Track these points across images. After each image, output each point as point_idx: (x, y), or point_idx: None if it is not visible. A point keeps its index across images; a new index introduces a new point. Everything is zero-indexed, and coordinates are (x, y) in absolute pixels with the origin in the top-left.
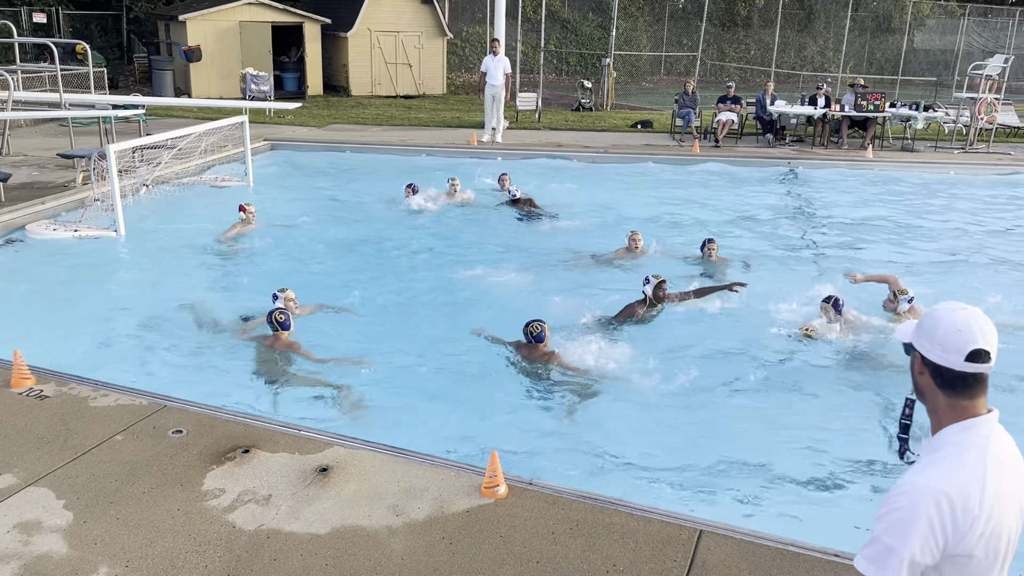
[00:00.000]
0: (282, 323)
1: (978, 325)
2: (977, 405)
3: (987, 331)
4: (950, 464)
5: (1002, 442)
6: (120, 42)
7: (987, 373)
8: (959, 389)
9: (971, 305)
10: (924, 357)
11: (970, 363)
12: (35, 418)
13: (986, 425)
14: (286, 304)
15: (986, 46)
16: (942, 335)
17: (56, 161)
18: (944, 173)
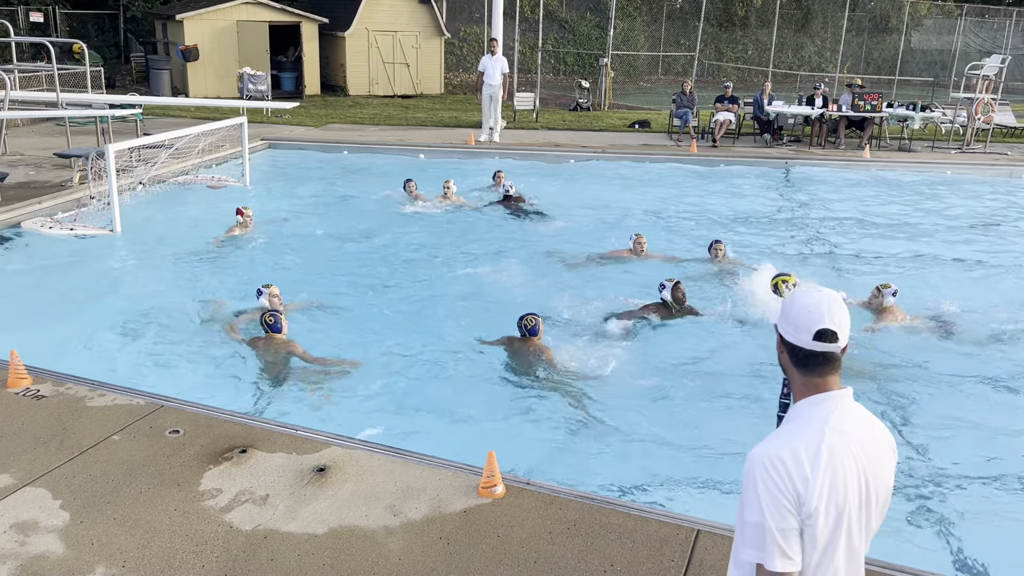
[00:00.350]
0: (272, 325)
1: (827, 306)
2: (828, 383)
3: (835, 312)
4: (790, 433)
5: (849, 417)
6: (117, 41)
7: (836, 352)
8: (810, 367)
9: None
10: (781, 336)
11: (817, 342)
12: (32, 418)
13: (832, 400)
14: (270, 300)
15: (983, 46)
16: (795, 315)
17: (53, 161)
18: (941, 173)
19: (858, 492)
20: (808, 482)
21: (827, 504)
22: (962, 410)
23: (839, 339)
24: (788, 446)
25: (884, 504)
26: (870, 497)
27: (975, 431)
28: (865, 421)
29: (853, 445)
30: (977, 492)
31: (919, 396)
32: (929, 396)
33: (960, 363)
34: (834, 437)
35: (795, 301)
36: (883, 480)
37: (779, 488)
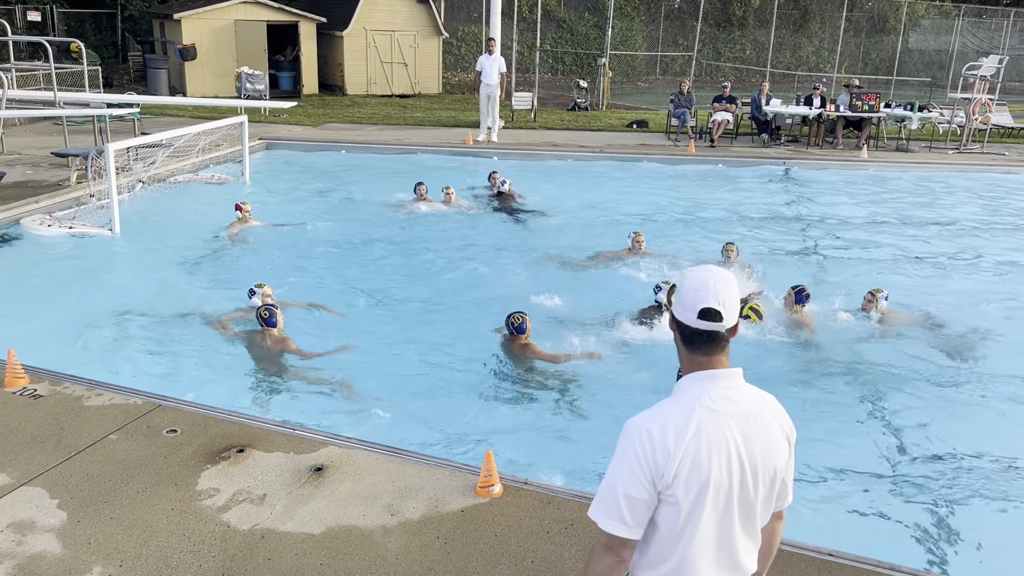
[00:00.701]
0: (267, 320)
1: (714, 286)
2: (712, 362)
3: (721, 292)
4: (665, 407)
5: (729, 396)
6: (115, 40)
7: (720, 331)
8: (695, 345)
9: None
10: (672, 314)
11: (701, 320)
12: (29, 417)
13: (713, 379)
14: (263, 300)
15: (981, 47)
16: (683, 294)
17: (50, 160)
18: (938, 173)
19: (729, 469)
20: (669, 455)
21: (687, 478)
22: (960, 410)
23: (723, 318)
24: (659, 419)
25: (771, 484)
26: (746, 475)
27: (973, 431)
28: (753, 402)
29: (729, 423)
30: (977, 492)
31: (917, 396)
32: (926, 397)
33: (957, 363)
34: (706, 414)
35: (685, 279)
36: (767, 460)
37: (639, 457)
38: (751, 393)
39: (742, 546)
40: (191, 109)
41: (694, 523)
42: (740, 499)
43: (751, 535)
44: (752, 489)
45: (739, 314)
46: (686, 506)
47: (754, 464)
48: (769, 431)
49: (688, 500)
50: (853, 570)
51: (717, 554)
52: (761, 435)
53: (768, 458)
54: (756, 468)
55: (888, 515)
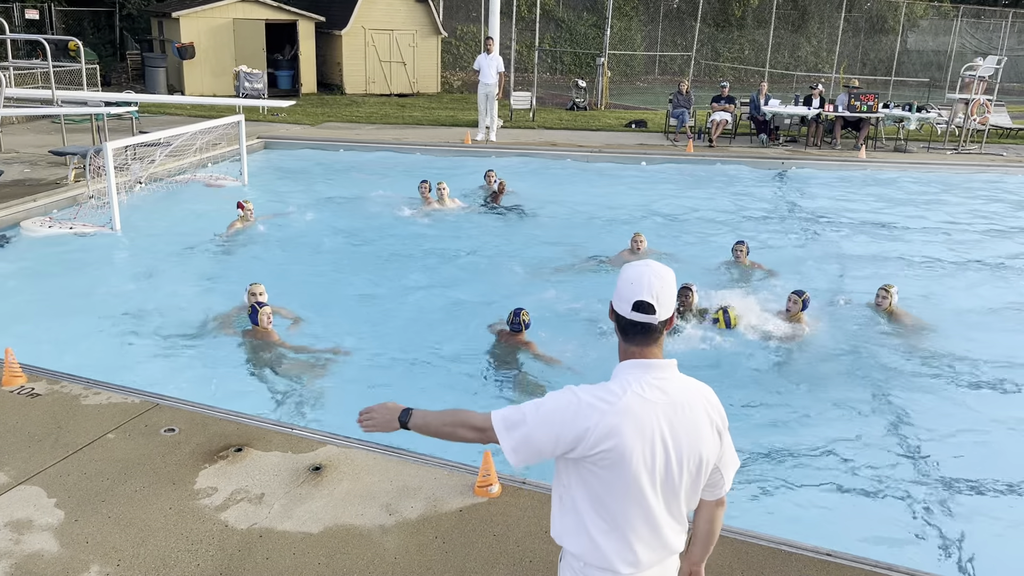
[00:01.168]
0: (250, 316)
1: (648, 280)
2: (645, 352)
3: (656, 287)
4: (601, 386)
5: (659, 385)
6: (113, 39)
7: (653, 324)
8: (630, 335)
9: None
10: (611, 305)
11: (635, 312)
12: (26, 416)
13: (647, 368)
14: (248, 299)
15: (979, 47)
16: (620, 286)
17: (48, 158)
18: (937, 173)
19: (652, 453)
20: (589, 429)
21: (611, 455)
22: (958, 410)
23: (656, 311)
24: (593, 395)
25: (696, 471)
26: (670, 461)
27: (973, 430)
28: (683, 392)
29: (657, 411)
30: (976, 493)
31: (915, 397)
32: (925, 397)
33: (956, 364)
34: (634, 399)
35: (623, 273)
36: (693, 448)
37: (559, 414)
38: (683, 384)
39: (667, 526)
40: (189, 108)
41: (616, 498)
42: (664, 482)
43: (676, 517)
44: (676, 474)
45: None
46: (608, 480)
47: (679, 451)
48: (697, 421)
49: (611, 475)
50: (851, 570)
51: (640, 530)
52: (687, 424)
53: (693, 446)
54: (681, 454)
55: (886, 515)
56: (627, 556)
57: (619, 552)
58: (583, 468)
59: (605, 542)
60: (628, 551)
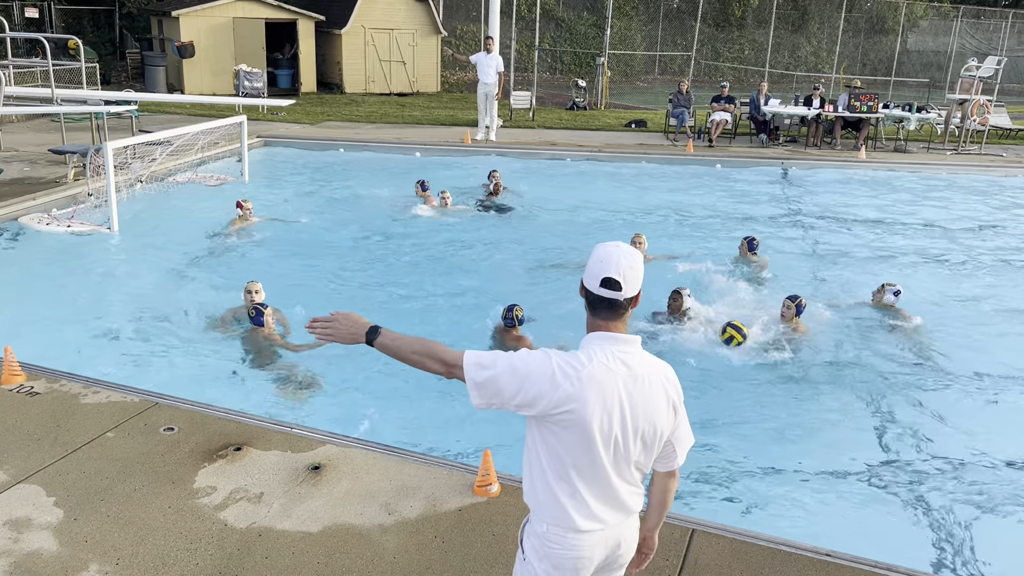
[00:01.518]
0: (253, 318)
1: (617, 259)
2: (610, 327)
3: (623, 265)
4: (569, 354)
5: (621, 359)
6: (112, 37)
7: (619, 300)
8: (596, 310)
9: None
10: (582, 282)
11: (603, 288)
12: (25, 415)
13: (613, 341)
14: (245, 297)
15: (979, 48)
16: (591, 264)
17: (47, 157)
18: (936, 174)
19: (610, 419)
20: (552, 391)
21: (572, 415)
22: (958, 411)
23: (623, 288)
24: (563, 359)
25: (651, 441)
26: (627, 429)
27: (972, 431)
28: (644, 367)
29: (618, 381)
30: (975, 493)
31: (915, 397)
32: (925, 397)
33: (956, 364)
34: (598, 367)
35: (593, 253)
36: (648, 419)
37: (530, 375)
38: (644, 359)
39: (621, 488)
40: (189, 107)
41: (574, 457)
42: (618, 448)
43: (629, 481)
44: (632, 441)
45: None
46: (567, 440)
47: (635, 420)
48: (654, 394)
49: (569, 436)
50: (850, 570)
51: (595, 489)
52: (645, 396)
53: (649, 417)
54: (637, 424)
55: (885, 515)
56: (585, 512)
57: (578, 508)
58: (545, 427)
59: (566, 499)
60: (585, 507)
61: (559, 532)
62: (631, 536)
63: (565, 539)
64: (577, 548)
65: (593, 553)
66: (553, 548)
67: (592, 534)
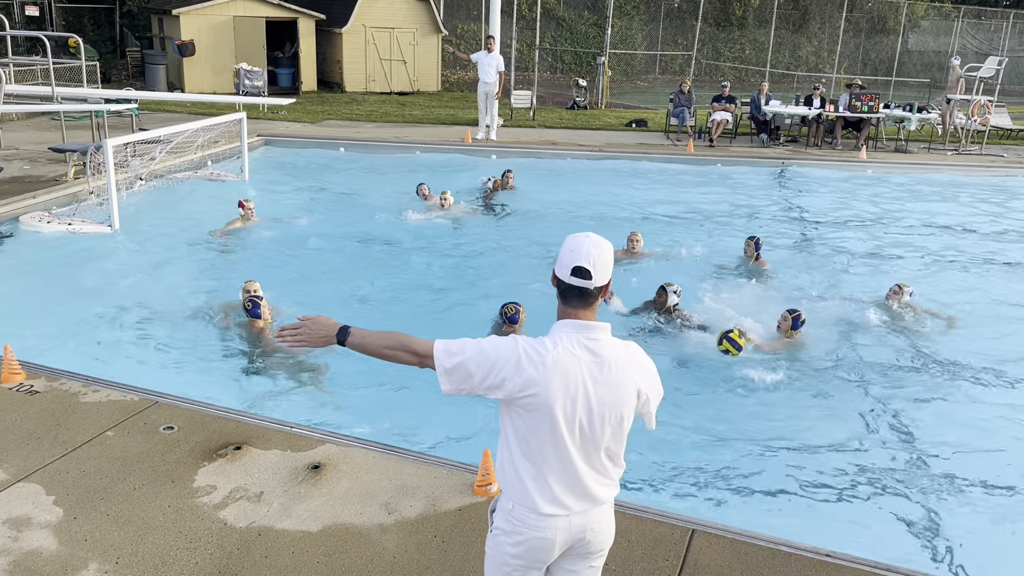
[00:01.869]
0: (250, 311)
1: (587, 250)
2: (580, 314)
3: (593, 255)
4: (538, 340)
5: (587, 345)
6: (113, 36)
7: (589, 288)
8: (567, 298)
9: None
10: (554, 271)
11: (573, 277)
12: (25, 414)
13: (579, 327)
14: (243, 296)
15: (980, 48)
16: (562, 254)
17: (47, 155)
18: (937, 174)
19: (575, 405)
20: (518, 375)
21: (537, 400)
22: (960, 411)
23: (592, 277)
24: (530, 344)
25: (617, 424)
26: (592, 414)
27: (972, 432)
28: (611, 352)
29: (583, 366)
30: (976, 494)
31: (916, 397)
32: (926, 398)
33: (958, 365)
34: (563, 353)
35: (566, 243)
36: (615, 404)
37: (498, 359)
38: (612, 345)
39: (588, 476)
40: (189, 105)
41: (539, 440)
42: (584, 434)
43: (598, 469)
44: (598, 428)
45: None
46: (532, 423)
47: (601, 406)
48: (621, 380)
49: (534, 420)
50: (850, 570)
51: (560, 474)
52: (612, 383)
53: (616, 404)
54: (603, 410)
55: (886, 516)
56: (547, 495)
57: (540, 491)
58: (512, 410)
59: (529, 481)
60: (548, 491)
61: (523, 511)
62: (601, 526)
63: (527, 519)
64: (539, 529)
65: (555, 536)
66: (517, 526)
67: (555, 518)
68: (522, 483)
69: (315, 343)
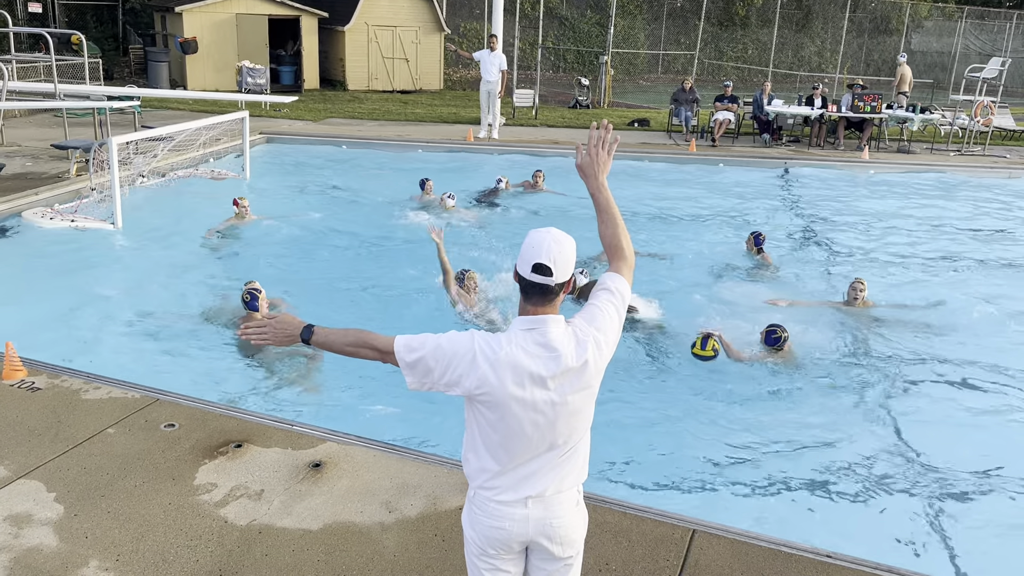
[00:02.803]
0: (248, 303)
1: (548, 246)
2: (539, 311)
3: (554, 251)
4: (495, 337)
5: (539, 341)
6: (116, 33)
7: (549, 285)
8: (528, 295)
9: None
10: (515, 268)
11: (534, 274)
12: (26, 410)
13: (534, 323)
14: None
15: (983, 49)
16: (523, 250)
17: (50, 152)
18: (940, 175)
19: (532, 398)
20: (472, 372)
21: (491, 396)
22: (958, 412)
23: (553, 273)
24: (485, 341)
25: (573, 415)
26: (553, 405)
27: (972, 432)
28: (563, 342)
29: (536, 362)
30: (976, 495)
31: (916, 398)
32: (925, 398)
33: (956, 365)
34: (516, 349)
35: (527, 239)
36: (572, 396)
37: (453, 356)
38: (564, 333)
39: (547, 468)
40: (191, 103)
41: (499, 434)
42: (543, 424)
43: (558, 460)
44: (560, 421)
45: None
46: (491, 418)
47: (560, 399)
48: (577, 370)
49: (492, 415)
50: (851, 571)
51: (521, 466)
52: (568, 375)
53: (573, 394)
54: (561, 403)
55: (887, 517)
56: (505, 485)
57: (500, 481)
58: (473, 405)
59: (488, 471)
60: (507, 481)
61: (482, 500)
62: (565, 517)
63: (487, 507)
64: (499, 519)
65: (514, 527)
66: (479, 516)
67: (512, 507)
68: (482, 473)
69: (279, 342)
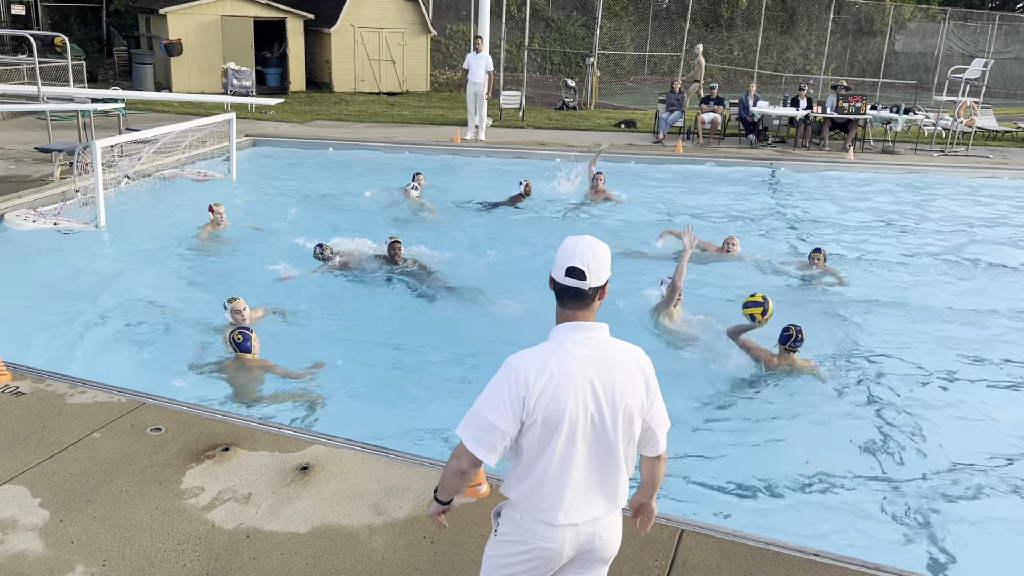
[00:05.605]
0: (240, 344)
1: (582, 251)
2: (577, 316)
3: (588, 256)
4: (536, 350)
5: (591, 344)
6: (100, 35)
7: (584, 289)
8: (564, 300)
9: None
10: (551, 274)
11: (568, 278)
12: (10, 415)
13: (577, 329)
14: (234, 316)
15: (966, 50)
16: (558, 255)
17: (33, 155)
18: (923, 175)
19: (584, 406)
20: (530, 388)
21: (546, 409)
22: (948, 411)
23: (587, 278)
24: (529, 357)
25: (628, 424)
26: (603, 412)
27: (962, 431)
28: (613, 351)
29: (587, 367)
30: (964, 493)
31: (904, 398)
32: (914, 398)
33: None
34: (567, 357)
35: (563, 245)
36: (621, 401)
37: (509, 390)
38: (614, 344)
39: (598, 485)
40: (177, 105)
41: (552, 449)
42: (596, 434)
43: (609, 476)
44: (610, 426)
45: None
46: (545, 433)
47: (612, 403)
48: (626, 374)
49: (547, 428)
50: (839, 570)
51: (572, 488)
52: (616, 379)
53: (621, 399)
54: (615, 407)
55: (874, 515)
56: (557, 507)
57: (550, 503)
58: (523, 431)
59: (538, 493)
60: (557, 503)
61: (531, 523)
62: (608, 532)
63: (536, 530)
64: (548, 540)
65: (563, 547)
66: (525, 537)
67: (563, 529)
68: (531, 495)
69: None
